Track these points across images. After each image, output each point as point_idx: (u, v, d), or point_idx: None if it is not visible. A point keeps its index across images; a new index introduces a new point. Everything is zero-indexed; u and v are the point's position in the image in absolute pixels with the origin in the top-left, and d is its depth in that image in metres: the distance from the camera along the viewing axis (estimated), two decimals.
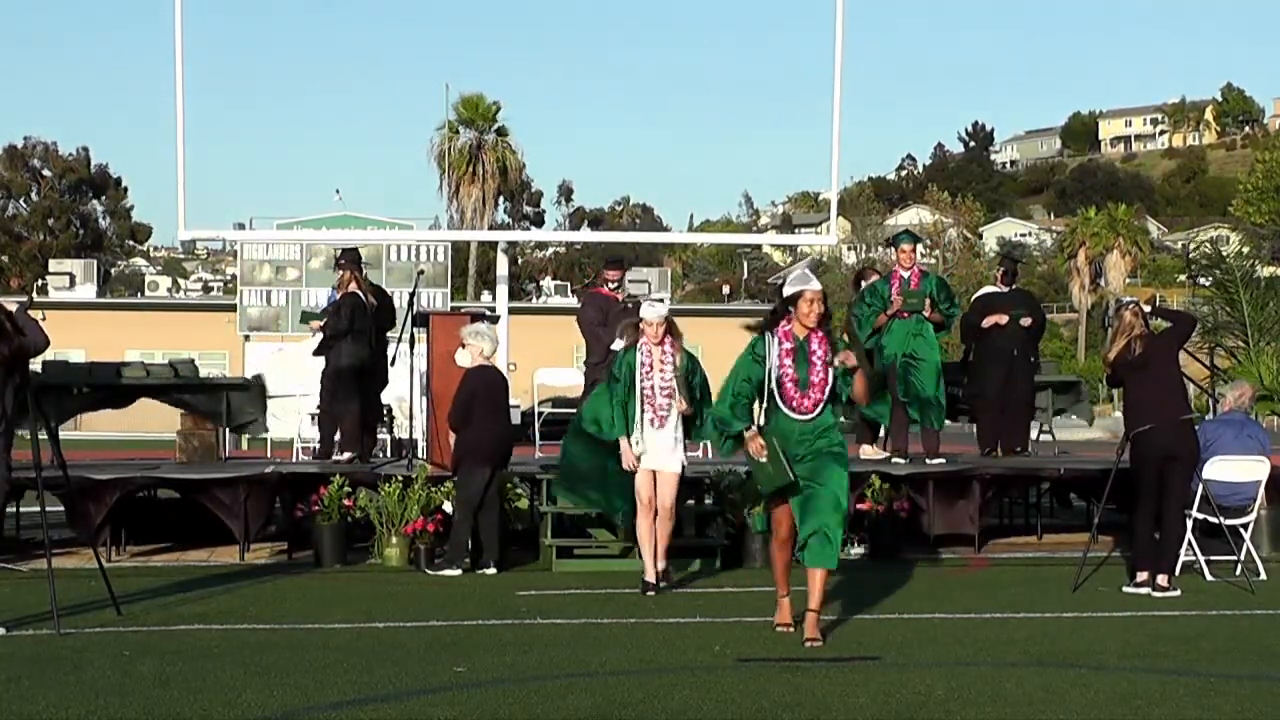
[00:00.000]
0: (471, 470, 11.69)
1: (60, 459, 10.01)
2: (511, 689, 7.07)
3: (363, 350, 13.93)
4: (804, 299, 8.49)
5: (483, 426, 11.70)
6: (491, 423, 11.75)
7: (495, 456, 11.80)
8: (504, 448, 11.99)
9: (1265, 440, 11.84)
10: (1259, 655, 8.20)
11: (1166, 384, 10.71)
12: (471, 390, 11.72)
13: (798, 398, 8.44)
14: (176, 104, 14.82)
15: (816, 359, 8.48)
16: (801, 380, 8.47)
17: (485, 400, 11.72)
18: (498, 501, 11.92)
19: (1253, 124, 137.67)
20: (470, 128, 58.14)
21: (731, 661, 7.86)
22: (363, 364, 13.96)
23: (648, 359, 10.64)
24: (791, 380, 8.45)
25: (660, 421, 10.64)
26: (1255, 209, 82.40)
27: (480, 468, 11.69)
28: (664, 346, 10.67)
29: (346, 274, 14.08)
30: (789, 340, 8.52)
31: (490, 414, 11.75)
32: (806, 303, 8.46)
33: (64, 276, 47.91)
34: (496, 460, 11.82)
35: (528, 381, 17.22)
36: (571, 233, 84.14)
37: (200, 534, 13.33)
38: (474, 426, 11.70)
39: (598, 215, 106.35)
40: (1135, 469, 10.79)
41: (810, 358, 8.48)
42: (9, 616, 9.14)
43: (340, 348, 13.84)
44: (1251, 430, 11.83)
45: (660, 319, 10.67)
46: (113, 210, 79.31)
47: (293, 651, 8.11)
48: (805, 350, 8.50)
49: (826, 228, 18.74)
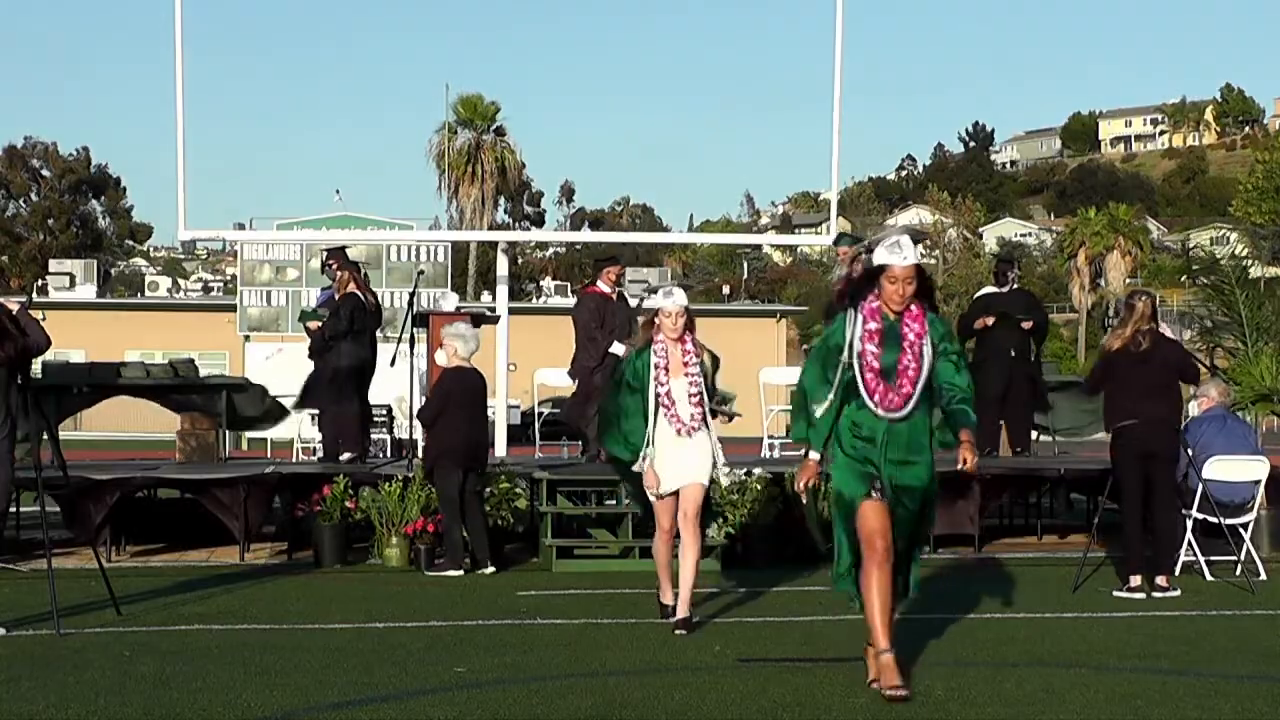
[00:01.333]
0: (447, 472, 11.68)
1: (60, 459, 10.02)
2: (511, 689, 7.06)
3: (363, 351, 13.99)
4: (890, 276, 6.97)
5: (455, 428, 11.66)
6: (465, 424, 11.71)
7: (467, 458, 11.78)
8: (477, 450, 11.98)
9: (1250, 434, 11.91)
10: (1259, 655, 8.20)
11: (1157, 384, 10.58)
12: (447, 391, 11.71)
13: (881, 390, 6.96)
14: (176, 104, 14.82)
15: (909, 345, 6.99)
16: (888, 368, 6.98)
17: (461, 401, 11.69)
18: (478, 502, 11.91)
19: (1253, 124, 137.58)
20: (469, 128, 58.16)
21: (731, 661, 7.85)
22: (363, 364, 14.02)
23: (664, 360, 8.91)
24: (873, 369, 6.96)
25: (689, 432, 8.84)
26: (1255, 209, 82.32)
27: (454, 469, 11.68)
28: (685, 344, 8.97)
29: (345, 274, 14.10)
30: (876, 319, 7.03)
31: (465, 416, 11.71)
32: (891, 281, 6.95)
33: (64, 277, 47.91)
34: (469, 462, 11.80)
35: (528, 381, 17.21)
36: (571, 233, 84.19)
37: (200, 534, 13.33)
38: (447, 428, 11.66)
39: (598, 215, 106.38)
40: (1118, 469, 10.74)
41: (902, 342, 6.99)
42: (9, 616, 9.14)
43: (340, 348, 13.87)
44: (1234, 425, 11.89)
45: (680, 309, 8.95)
46: (112, 210, 79.30)
47: (293, 651, 8.11)
48: (896, 332, 7.01)
49: (826, 228, 18.69)
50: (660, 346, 8.90)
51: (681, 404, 8.86)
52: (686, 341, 8.94)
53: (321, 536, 12.31)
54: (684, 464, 8.85)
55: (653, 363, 8.85)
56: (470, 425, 11.77)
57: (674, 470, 8.85)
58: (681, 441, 8.85)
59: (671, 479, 8.86)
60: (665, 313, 8.90)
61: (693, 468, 8.86)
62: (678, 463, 8.85)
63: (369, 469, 13.13)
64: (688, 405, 8.86)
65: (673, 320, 8.88)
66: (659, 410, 8.83)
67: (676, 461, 8.85)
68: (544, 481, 12.60)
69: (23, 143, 76.64)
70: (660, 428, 8.88)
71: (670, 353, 8.90)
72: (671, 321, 8.88)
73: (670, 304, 8.91)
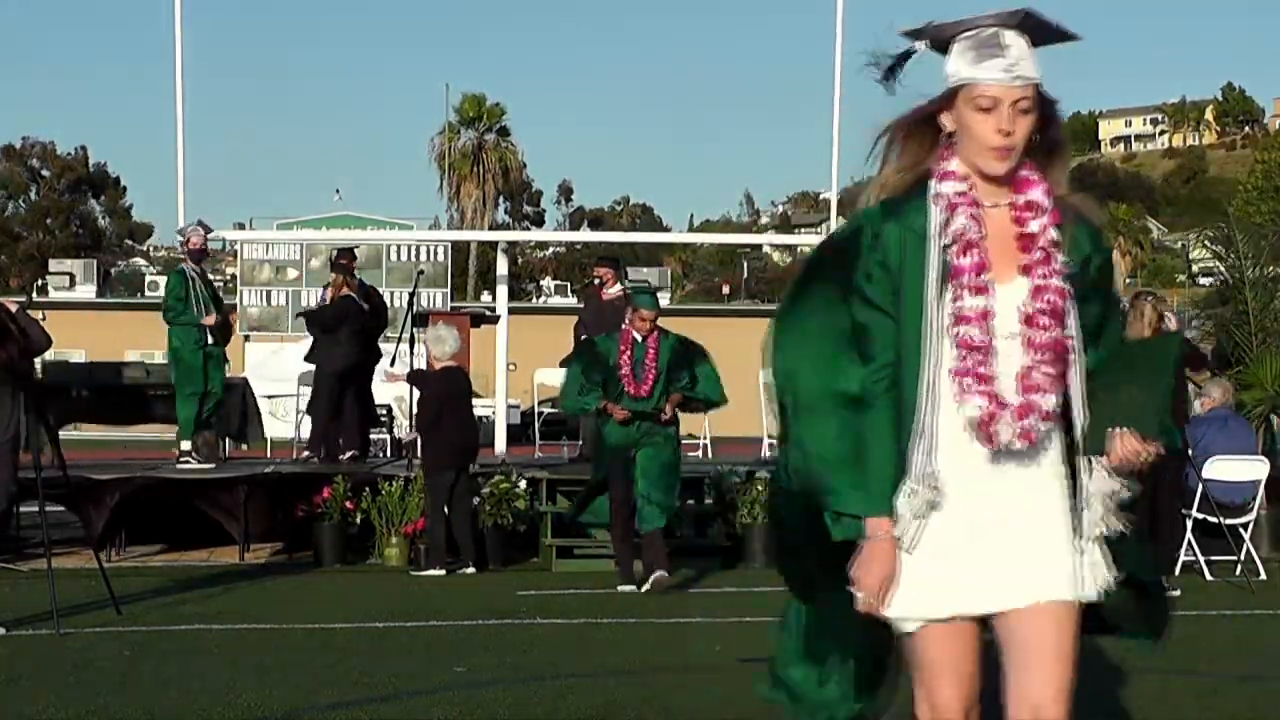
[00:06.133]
0: (439, 473, 11.70)
1: (61, 460, 10.01)
2: (511, 689, 7.06)
3: (357, 353, 14.08)
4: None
5: (447, 428, 11.70)
6: (455, 424, 11.76)
7: (460, 458, 11.83)
8: (469, 448, 12.02)
9: (1250, 435, 11.94)
10: (1259, 655, 8.20)
11: None
12: (436, 395, 11.77)
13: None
14: (176, 104, 14.84)
15: None
16: None
17: (449, 403, 11.73)
18: (467, 501, 11.91)
19: (1253, 124, 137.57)
20: (471, 128, 58.17)
21: (731, 661, 7.85)
22: (360, 366, 14.11)
23: None
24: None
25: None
26: (1255, 209, 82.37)
27: (446, 470, 11.70)
28: None
29: (339, 278, 14.27)
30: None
31: (454, 416, 11.75)
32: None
33: (64, 276, 47.86)
34: (461, 461, 11.84)
35: (527, 381, 17.22)
36: (571, 233, 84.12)
37: (200, 534, 13.32)
38: (441, 430, 11.71)
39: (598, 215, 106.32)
40: None
41: None
42: (9, 616, 9.14)
43: (335, 351, 13.95)
44: (1236, 425, 11.90)
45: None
46: (112, 210, 79.27)
47: (293, 651, 8.11)
48: None
49: (826, 228, 18.69)
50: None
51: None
52: None
53: (321, 536, 12.31)
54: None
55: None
56: (460, 424, 11.81)
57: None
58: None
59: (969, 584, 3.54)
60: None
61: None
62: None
63: (369, 469, 13.13)
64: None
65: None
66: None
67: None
68: (544, 481, 12.61)
69: (21, 143, 76.73)
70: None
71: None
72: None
73: None
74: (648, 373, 10.51)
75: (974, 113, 3.29)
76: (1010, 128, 3.27)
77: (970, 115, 3.30)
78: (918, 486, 3.28)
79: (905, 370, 3.28)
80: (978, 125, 3.29)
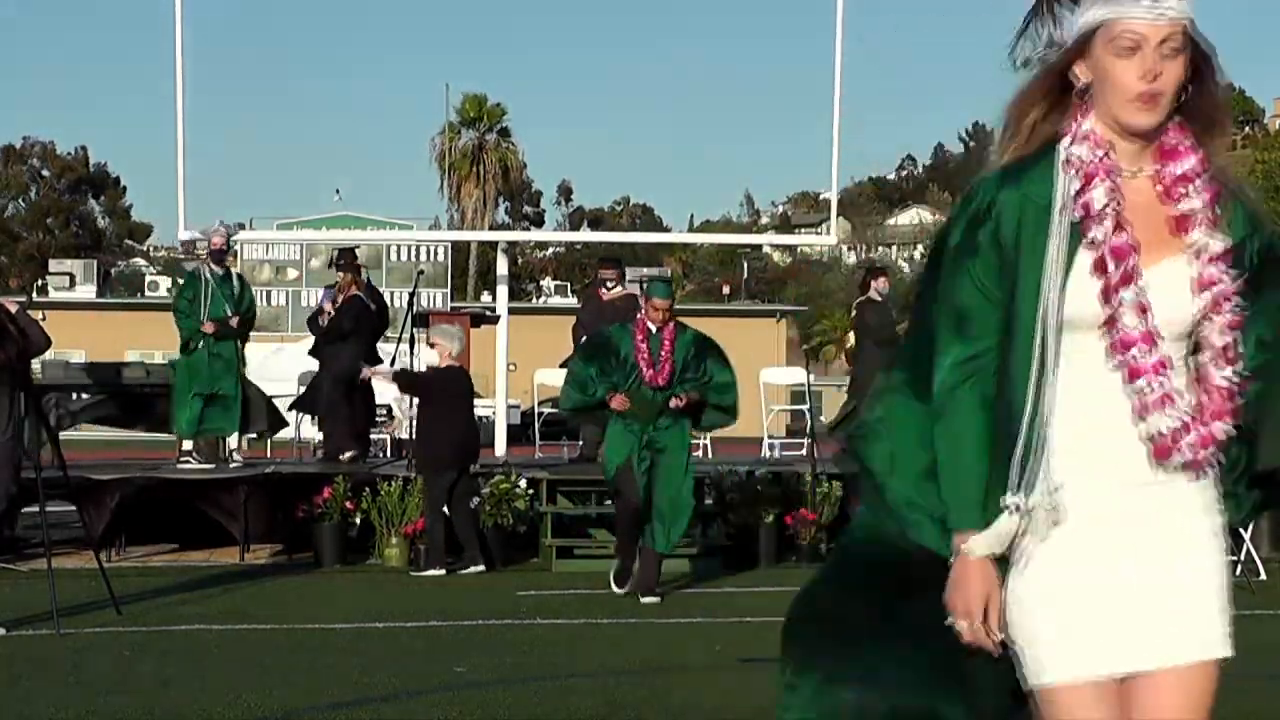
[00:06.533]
0: (439, 472, 11.69)
1: (61, 460, 10.01)
2: (511, 689, 7.06)
3: (364, 353, 14.07)
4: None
5: (449, 426, 11.69)
6: (457, 422, 11.76)
7: (462, 457, 11.82)
8: (470, 447, 12.02)
9: None
10: (1259, 655, 8.19)
11: None
12: (441, 389, 11.79)
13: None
14: (176, 104, 14.82)
15: None
16: None
17: (451, 401, 11.72)
18: (467, 501, 11.91)
19: (1253, 124, 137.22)
20: (472, 128, 58.16)
21: (731, 661, 7.85)
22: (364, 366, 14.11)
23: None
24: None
25: None
26: None
27: (447, 470, 11.69)
28: None
29: (347, 277, 14.23)
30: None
31: (455, 415, 11.75)
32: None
33: (64, 276, 47.88)
34: (463, 460, 11.83)
35: (528, 381, 17.22)
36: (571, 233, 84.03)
37: (200, 534, 13.32)
38: (443, 428, 11.71)
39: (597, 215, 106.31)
40: None
41: None
42: (9, 616, 9.14)
43: (342, 351, 13.95)
44: None
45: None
46: (112, 210, 79.24)
47: (293, 651, 8.11)
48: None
49: (826, 228, 18.70)
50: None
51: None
52: None
53: (321, 536, 12.31)
54: None
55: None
56: (462, 423, 11.81)
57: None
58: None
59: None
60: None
61: None
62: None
63: (369, 469, 13.14)
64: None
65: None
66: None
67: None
68: (544, 481, 12.61)
69: (20, 143, 76.71)
70: None
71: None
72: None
73: None
74: (664, 363, 10.08)
75: (1114, 58, 2.75)
76: (1158, 69, 2.73)
77: (1109, 61, 2.76)
78: (1037, 501, 2.73)
79: (1015, 365, 2.76)
80: (1119, 70, 2.75)
